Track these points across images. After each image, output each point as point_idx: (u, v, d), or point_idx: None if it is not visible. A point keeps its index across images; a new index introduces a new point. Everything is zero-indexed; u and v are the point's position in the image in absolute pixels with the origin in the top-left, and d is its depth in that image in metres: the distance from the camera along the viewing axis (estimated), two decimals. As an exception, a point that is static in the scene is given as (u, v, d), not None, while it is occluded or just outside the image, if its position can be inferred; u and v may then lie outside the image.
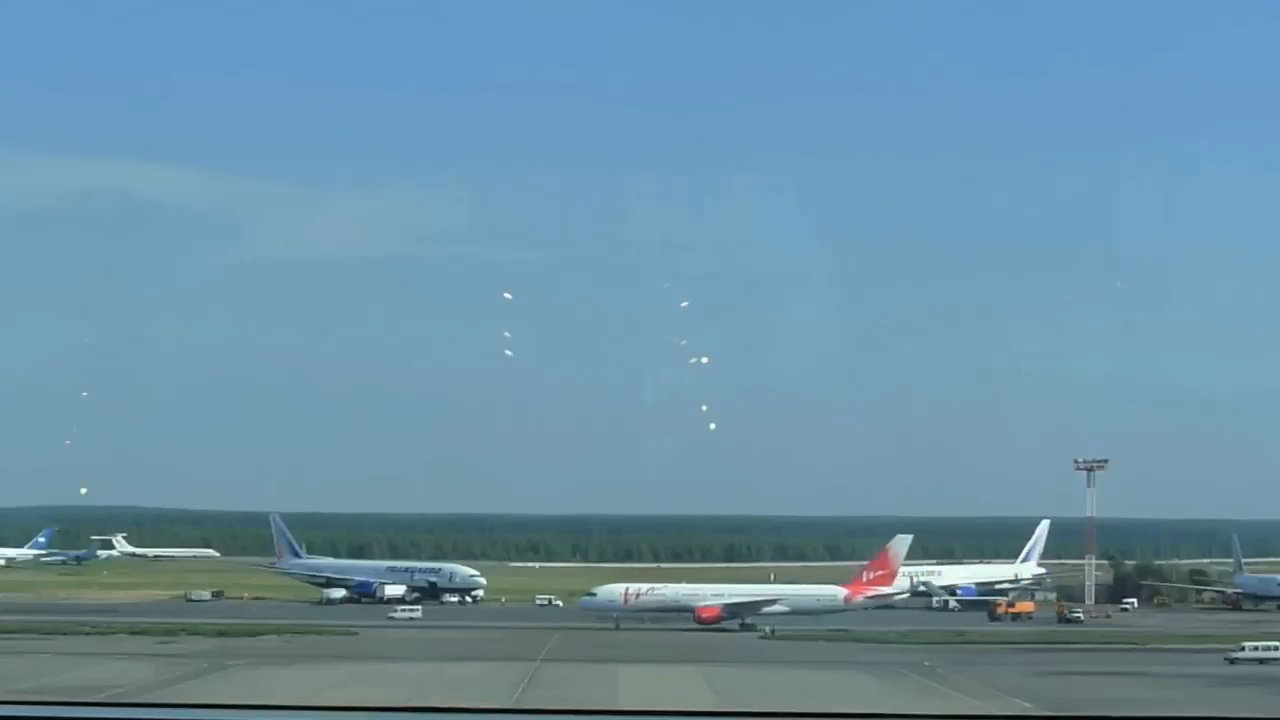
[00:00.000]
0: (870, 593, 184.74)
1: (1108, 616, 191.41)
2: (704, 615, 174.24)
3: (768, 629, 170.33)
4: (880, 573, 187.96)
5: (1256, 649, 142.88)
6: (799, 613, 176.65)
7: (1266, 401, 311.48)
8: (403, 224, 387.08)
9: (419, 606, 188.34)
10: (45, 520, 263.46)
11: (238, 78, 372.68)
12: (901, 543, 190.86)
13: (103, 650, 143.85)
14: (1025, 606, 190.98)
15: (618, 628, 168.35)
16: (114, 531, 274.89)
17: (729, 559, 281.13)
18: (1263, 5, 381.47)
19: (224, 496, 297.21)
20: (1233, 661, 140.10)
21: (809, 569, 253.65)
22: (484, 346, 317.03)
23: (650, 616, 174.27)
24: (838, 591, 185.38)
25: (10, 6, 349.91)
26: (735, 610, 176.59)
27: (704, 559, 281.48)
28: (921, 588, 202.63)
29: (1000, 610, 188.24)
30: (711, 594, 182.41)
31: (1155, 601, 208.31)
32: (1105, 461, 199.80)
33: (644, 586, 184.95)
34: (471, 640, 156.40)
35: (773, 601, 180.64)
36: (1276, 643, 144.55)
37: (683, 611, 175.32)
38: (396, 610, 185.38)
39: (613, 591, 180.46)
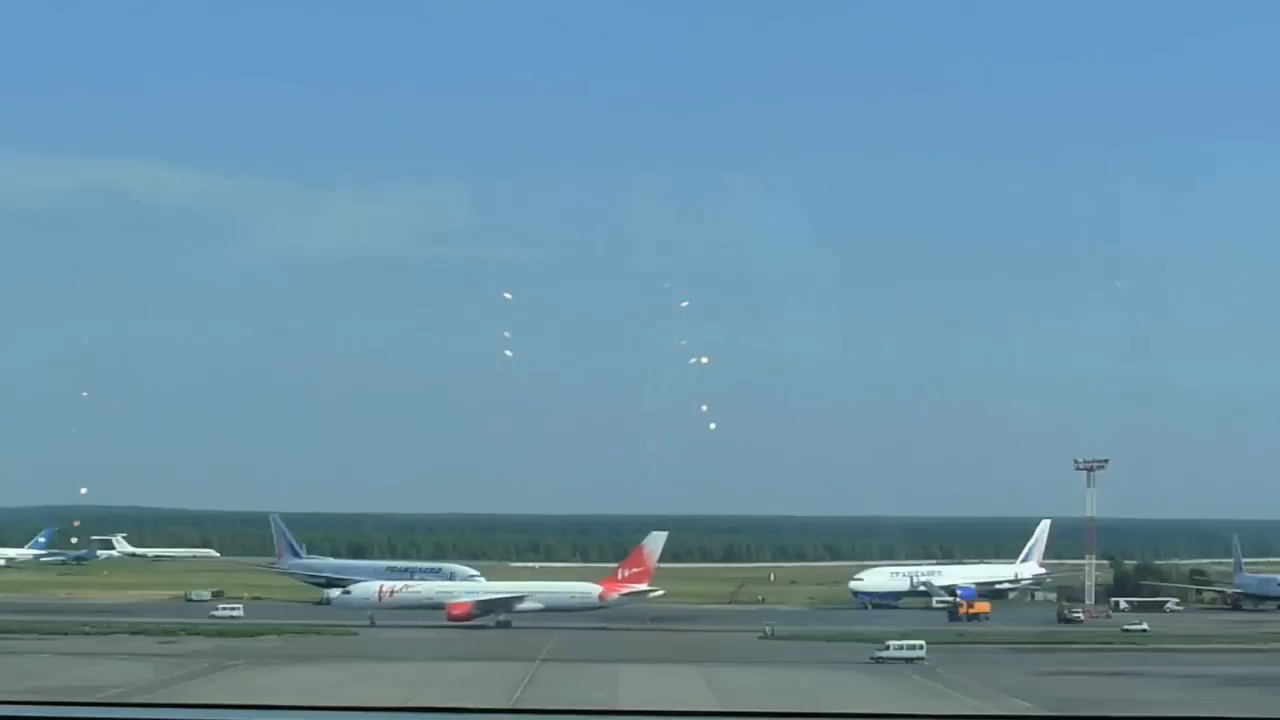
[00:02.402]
0: (625, 590, 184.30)
1: (1108, 616, 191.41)
2: (455, 612, 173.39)
3: (767, 629, 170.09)
4: (636, 570, 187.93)
5: (901, 647, 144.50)
6: (553, 610, 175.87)
7: (1267, 401, 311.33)
8: (403, 224, 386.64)
9: (239, 605, 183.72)
10: (45, 520, 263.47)
11: (237, 78, 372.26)
12: (656, 540, 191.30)
13: (103, 650, 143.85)
14: (982, 607, 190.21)
15: (373, 624, 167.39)
16: (112, 531, 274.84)
17: (729, 559, 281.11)
18: (1264, 6, 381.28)
19: (224, 496, 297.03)
20: (878, 660, 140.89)
21: (809, 569, 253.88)
22: (484, 346, 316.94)
23: (405, 613, 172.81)
24: (592, 589, 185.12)
25: (10, 6, 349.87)
26: (487, 607, 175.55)
27: (704, 559, 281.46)
28: (922, 587, 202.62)
29: (961, 610, 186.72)
30: (465, 591, 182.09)
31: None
32: (1105, 461, 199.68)
33: (399, 584, 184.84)
34: (471, 640, 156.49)
35: (525, 598, 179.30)
36: (918, 641, 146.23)
37: (436, 608, 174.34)
38: (217, 608, 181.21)
39: (367, 589, 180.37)
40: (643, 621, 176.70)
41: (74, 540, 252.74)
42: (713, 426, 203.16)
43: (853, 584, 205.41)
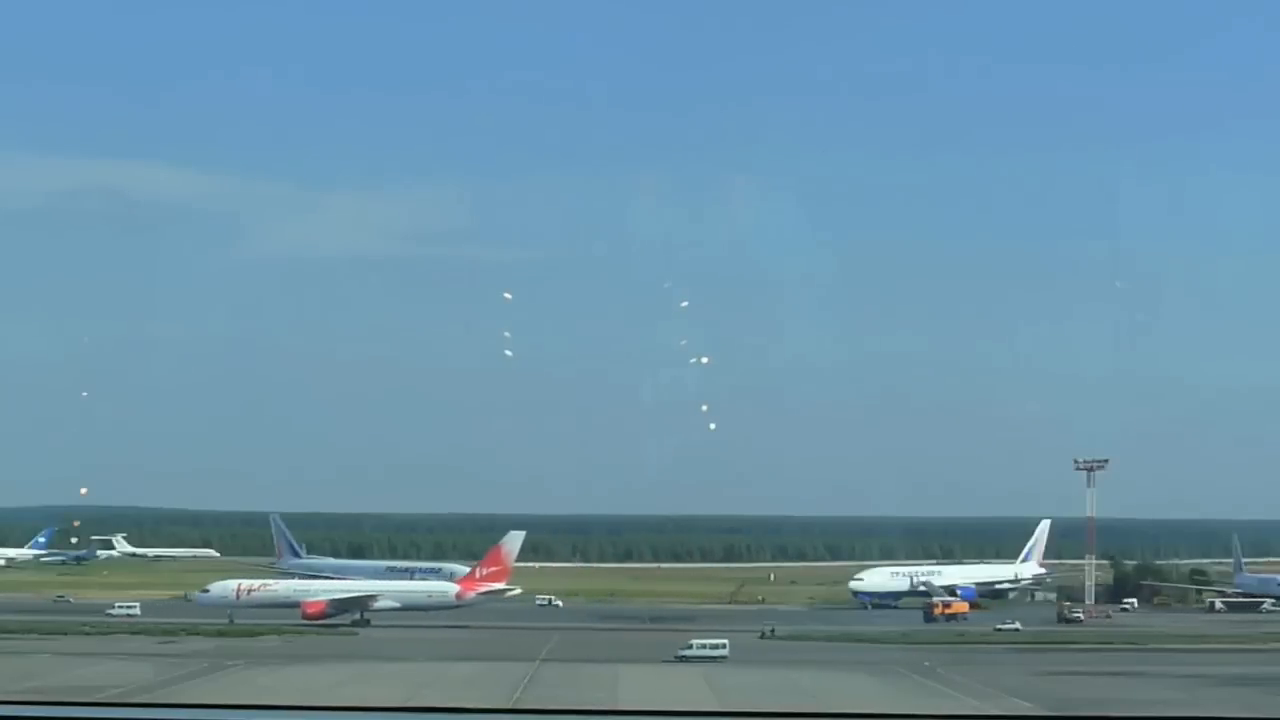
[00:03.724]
0: (483, 589, 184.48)
1: (1108, 616, 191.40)
2: (309, 611, 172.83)
3: (768, 629, 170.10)
4: (493, 569, 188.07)
5: (705, 647, 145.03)
6: (410, 608, 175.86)
7: (1267, 401, 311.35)
8: (403, 224, 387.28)
9: (136, 604, 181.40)
10: (45, 520, 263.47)
11: (238, 78, 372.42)
12: (514, 539, 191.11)
13: (103, 650, 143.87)
14: (960, 608, 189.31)
15: (231, 622, 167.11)
16: (112, 531, 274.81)
17: (729, 559, 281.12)
18: (1264, 6, 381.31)
19: (224, 496, 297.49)
20: (682, 659, 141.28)
21: (809, 569, 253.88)
22: (484, 346, 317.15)
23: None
24: (449, 588, 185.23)
25: (10, 6, 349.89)
26: (342, 606, 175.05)
27: (704, 559, 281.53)
28: (922, 587, 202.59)
29: (937, 611, 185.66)
30: (322, 590, 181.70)
31: (1155, 601, 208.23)
32: (1105, 461, 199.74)
33: (257, 582, 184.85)
34: (471, 640, 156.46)
35: (380, 597, 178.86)
36: (720, 640, 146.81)
37: (292, 607, 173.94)
38: (114, 606, 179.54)
39: (225, 587, 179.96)
40: (643, 621, 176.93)
41: (74, 540, 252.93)
42: (713, 426, 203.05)
43: (853, 584, 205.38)
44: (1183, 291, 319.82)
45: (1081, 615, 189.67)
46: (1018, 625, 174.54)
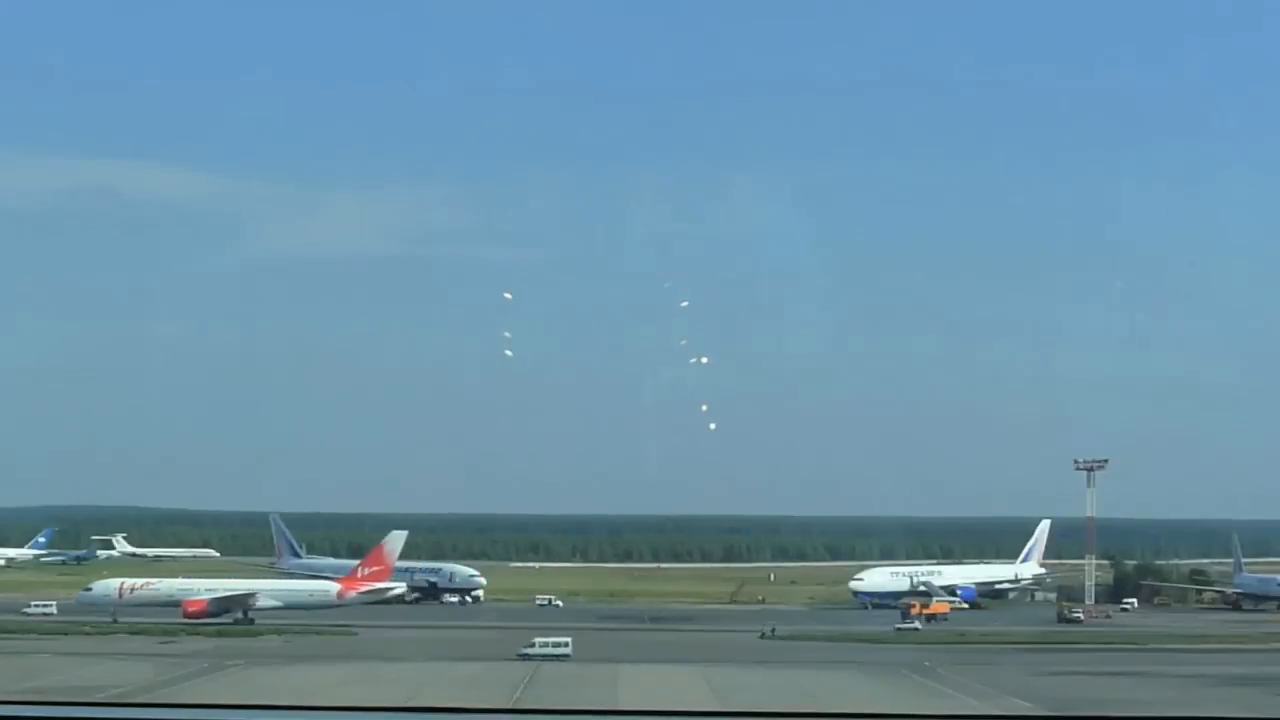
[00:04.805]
0: (364, 589, 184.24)
1: (1108, 616, 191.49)
2: (190, 609, 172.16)
3: (768, 629, 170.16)
4: (375, 569, 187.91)
5: (547, 645, 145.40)
6: (292, 607, 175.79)
7: (1266, 401, 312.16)
8: (403, 224, 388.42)
9: (52, 603, 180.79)
10: (45, 520, 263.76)
11: (238, 78, 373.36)
12: (396, 539, 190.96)
13: (103, 650, 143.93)
14: (940, 608, 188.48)
15: (114, 621, 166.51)
16: (112, 531, 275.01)
17: (729, 559, 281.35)
18: (1265, 7, 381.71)
19: (224, 496, 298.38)
20: (525, 657, 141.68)
21: (809, 569, 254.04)
22: (484, 346, 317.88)
23: (145, 611, 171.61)
24: (331, 587, 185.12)
25: (8, 7, 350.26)
26: (223, 604, 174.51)
27: (704, 559, 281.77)
28: (922, 587, 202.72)
29: (914, 611, 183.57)
30: (205, 588, 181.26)
31: (1155, 601, 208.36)
32: (1105, 461, 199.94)
33: (139, 581, 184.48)
34: (471, 640, 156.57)
35: (262, 595, 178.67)
36: (564, 639, 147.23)
37: (174, 606, 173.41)
38: (30, 605, 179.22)
39: (108, 585, 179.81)
40: (643, 621, 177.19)
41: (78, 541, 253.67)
42: (713, 426, 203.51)
43: (853, 584, 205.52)
44: (1182, 292, 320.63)
45: (1081, 615, 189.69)
46: (917, 625, 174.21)
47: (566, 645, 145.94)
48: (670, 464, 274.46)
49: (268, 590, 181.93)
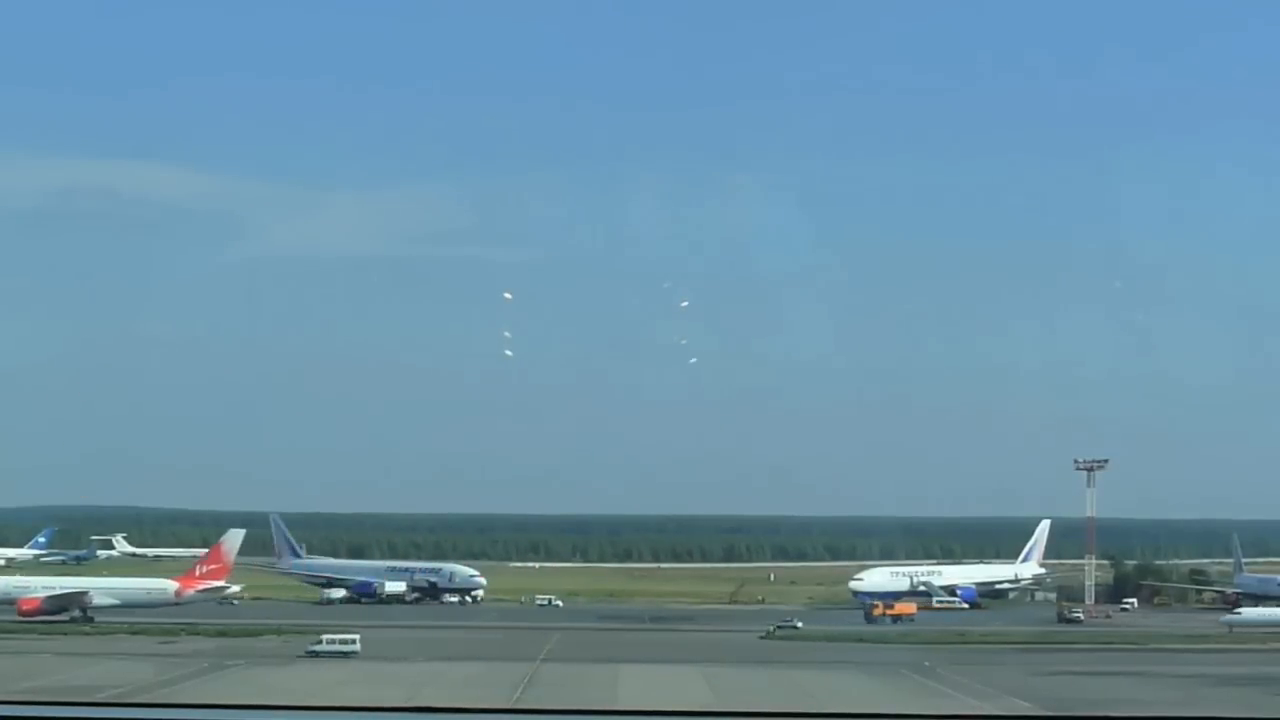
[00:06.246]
0: (202, 586, 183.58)
1: (1108, 616, 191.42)
2: (25, 607, 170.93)
3: (770, 628, 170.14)
4: (214, 567, 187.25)
5: (335, 642, 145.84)
6: (129, 605, 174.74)
7: (1266, 401, 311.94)
8: (403, 224, 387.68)
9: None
10: (45, 520, 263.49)
11: (238, 78, 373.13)
12: (235, 537, 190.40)
13: (103, 650, 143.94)
14: (906, 609, 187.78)
15: None
16: (112, 531, 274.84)
17: (729, 559, 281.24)
18: (1264, 7, 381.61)
19: (224, 496, 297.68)
20: (313, 654, 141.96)
21: (809, 569, 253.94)
22: (484, 346, 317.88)
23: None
24: (169, 585, 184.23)
25: (7, 7, 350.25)
26: (59, 603, 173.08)
27: (704, 559, 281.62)
28: (922, 587, 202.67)
29: (876, 612, 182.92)
30: (42, 586, 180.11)
31: (1155, 602, 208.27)
32: (1105, 461, 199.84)
33: None
34: (471, 641, 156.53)
35: (96, 593, 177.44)
36: (352, 636, 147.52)
37: (9, 604, 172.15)
38: None
39: None
40: (643, 621, 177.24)
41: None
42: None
43: (853, 584, 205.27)
44: (1182, 291, 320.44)
45: (1081, 615, 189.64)
46: (798, 624, 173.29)
47: (355, 643, 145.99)
48: (670, 464, 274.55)
49: (103, 588, 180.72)
